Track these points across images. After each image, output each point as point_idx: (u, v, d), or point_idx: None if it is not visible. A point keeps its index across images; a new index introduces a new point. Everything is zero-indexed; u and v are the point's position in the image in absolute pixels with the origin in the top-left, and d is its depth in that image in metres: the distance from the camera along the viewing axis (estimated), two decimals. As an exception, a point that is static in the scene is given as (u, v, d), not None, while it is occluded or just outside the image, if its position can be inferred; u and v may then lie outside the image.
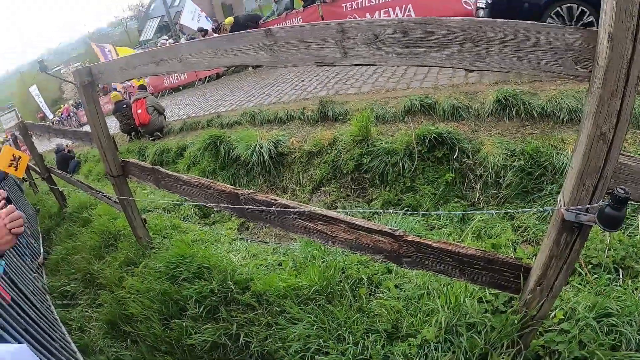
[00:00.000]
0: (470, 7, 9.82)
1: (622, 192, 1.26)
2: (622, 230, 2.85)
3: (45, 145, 19.72)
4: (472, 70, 1.55)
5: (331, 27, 1.60)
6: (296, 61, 1.75)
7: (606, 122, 1.25)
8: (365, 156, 5.05)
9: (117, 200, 3.92)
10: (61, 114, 32.01)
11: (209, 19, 17.15)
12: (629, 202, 1.27)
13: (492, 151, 4.40)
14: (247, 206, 2.35)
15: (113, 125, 12.26)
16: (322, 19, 11.57)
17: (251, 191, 2.39)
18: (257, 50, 1.87)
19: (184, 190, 2.97)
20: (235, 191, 2.45)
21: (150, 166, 3.34)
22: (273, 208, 2.17)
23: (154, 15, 46.65)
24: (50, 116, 34.16)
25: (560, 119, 4.50)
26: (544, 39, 1.29)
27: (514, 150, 4.32)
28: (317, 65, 1.68)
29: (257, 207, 2.27)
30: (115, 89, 15.96)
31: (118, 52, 18.04)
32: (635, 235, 2.78)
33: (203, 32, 14.76)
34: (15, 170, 5.14)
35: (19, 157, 5.13)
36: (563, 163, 3.97)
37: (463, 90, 5.48)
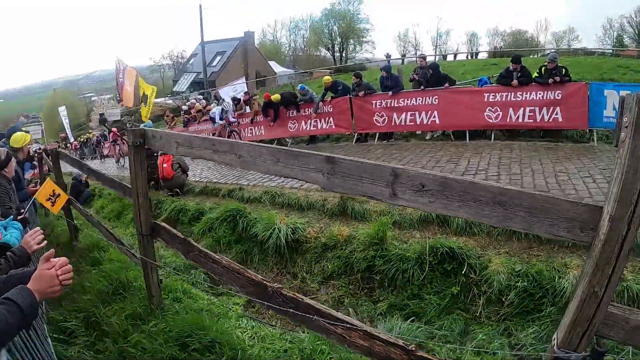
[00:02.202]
0: (492, 121, 10.39)
1: (600, 348, 1.58)
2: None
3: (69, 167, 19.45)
4: (496, 227, 1.82)
5: (386, 170, 1.86)
6: (348, 190, 1.99)
7: (599, 284, 1.51)
8: (378, 259, 5.23)
9: (138, 257, 4.06)
10: (92, 138, 31.80)
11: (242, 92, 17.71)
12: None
13: (499, 270, 4.57)
14: (284, 307, 2.51)
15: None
16: (352, 111, 12.27)
17: (279, 285, 2.56)
18: (315, 171, 2.11)
19: (212, 269, 3.12)
20: (265, 282, 2.61)
21: (183, 237, 3.49)
22: (315, 317, 2.31)
23: (190, 70, 48.52)
24: (72, 139, 34.69)
25: (566, 243, 4.71)
26: (558, 209, 1.57)
27: (519, 271, 4.49)
28: (366, 198, 1.94)
29: (288, 309, 2.43)
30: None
31: (141, 84, 16.74)
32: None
33: (236, 101, 15.43)
34: (52, 205, 5.26)
35: (59, 195, 5.24)
36: (564, 287, 4.15)
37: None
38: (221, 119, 14.58)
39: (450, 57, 45.62)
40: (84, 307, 4.42)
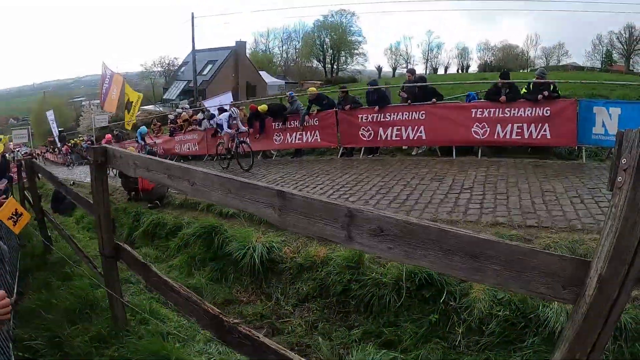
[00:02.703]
0: (479, 137, 10.30)
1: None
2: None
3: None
4: (465, 281, 1.62)
5: (341, 210, 1.65)
6: (302, 230, 1.80)
7: (581, 352, 1.28)
8: (354, 283, 5.04)
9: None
10: (80, 144, 31.87)
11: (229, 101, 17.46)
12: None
13: (480, 297, 4.41)
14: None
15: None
16: (337, 124, 12.18)
17: (237, 321, 2.37)
18: (267, 206, 1.91)
19: (170, 297, 2.95)
20: (221, 317, 2.43)
21: (143, 262, 3.34)
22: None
23: (181, 78, 48.71)
24: (59, 144, 34.77)
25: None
26: (537, 263, 1.32)
27: (501, 299, 4.32)
28: (321, 239, 1.75)
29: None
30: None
31: (127, 91, 17.35)
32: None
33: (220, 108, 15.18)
34: (14, 225, 5.08)
35: (21, 214, 5.06)
36: (548, 317, 3.99)
37: (461, 227, 5.56)
38: (229, 127, 13.19)
39: (440, 71, 46.11)
40: (50, 327, 4.20)
